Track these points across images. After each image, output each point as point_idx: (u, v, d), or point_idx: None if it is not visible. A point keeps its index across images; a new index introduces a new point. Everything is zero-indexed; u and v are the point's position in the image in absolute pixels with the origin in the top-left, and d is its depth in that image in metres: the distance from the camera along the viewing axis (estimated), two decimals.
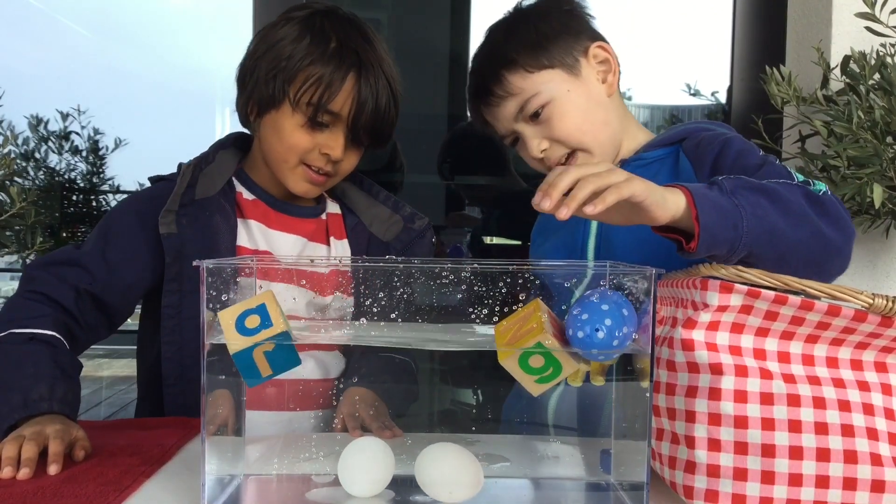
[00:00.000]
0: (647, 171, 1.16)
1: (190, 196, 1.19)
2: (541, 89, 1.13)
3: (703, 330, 0.77)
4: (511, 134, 1.19)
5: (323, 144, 1.17)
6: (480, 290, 0.77)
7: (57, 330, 1.08)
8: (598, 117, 1.16)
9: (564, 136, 1.14)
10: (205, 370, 0.75)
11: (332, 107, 1.15)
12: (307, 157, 1.18)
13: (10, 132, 4.45)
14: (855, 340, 0.77)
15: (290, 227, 1.25)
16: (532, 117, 1.14)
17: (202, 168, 1.23)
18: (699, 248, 0.81)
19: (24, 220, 1.71)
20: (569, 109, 1.14)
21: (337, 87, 1.14)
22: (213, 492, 0.77)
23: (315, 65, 1.14)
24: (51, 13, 5.31)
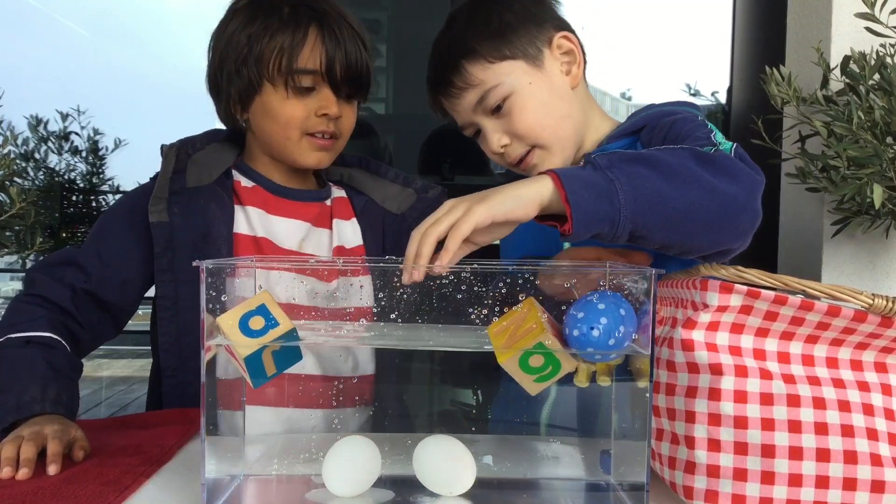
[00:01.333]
0: None
1: (181, 183, 1.18)
2: (502, 80, 1.09)
3: (702, 330, 0.77)
4: (471, 126, 1.16)
5: (317, 107, 1.16)
6: (480, 290, 0.77)
7: (54, 331, 1.08)
8: (560, 111, 1.12)
9: (524, 130, 1.10)
10: (205, 370, 0.75)
11: (303, 65, 1.14)
12: (307, 125, 1.17)
13: (10, 132, 4.44)
14: (855, 341, 0.77)
15: (291, 211, 1.23)
16: (493, 111, 1.11)
17: (190, 154, 1.22)
18: (575, 227, 0.79)
19: (24, 221, 1.71)
20: (529, 103, 1.10)
21: (300, 45, 1.14)
22: (213, 492, 0.77)
23: (276, 35, 1.14)
24: (50, 13, 5.31)
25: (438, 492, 0.78)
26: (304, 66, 1.14)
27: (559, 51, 1.13)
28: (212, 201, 1.18)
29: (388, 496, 0.80)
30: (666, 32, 2.70)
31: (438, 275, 0.78)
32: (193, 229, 1.15)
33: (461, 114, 1.14)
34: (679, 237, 0.85)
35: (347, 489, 0.79)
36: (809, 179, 1.42)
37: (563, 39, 1.13)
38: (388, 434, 0.97)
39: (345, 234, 1.25)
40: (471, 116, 1.13)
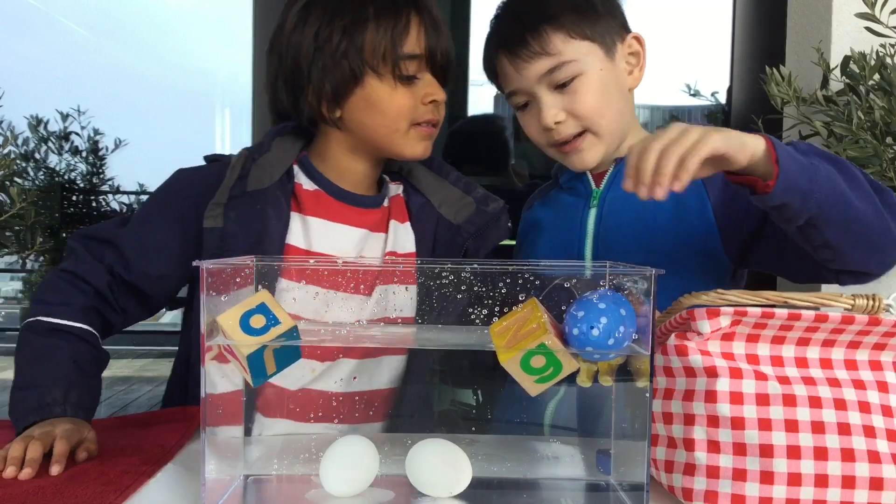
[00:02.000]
0: None
1: (241, 188, 1.11)
2: (578, 58, 1.10)
3: (694, 341, 0.78)
4: (524, 95, 1.14)
5: (423, 94, 1.12)
6: (480, 290, 0.77)
7: (86, 319, 1.06)
8: (618, 106, 1.14)
9: (585, 112, 1.11)
10: (205, 370, 0.76)
11: (409, 50, 1.09)
12: (415, 114, 1.12)
13: (10, 132, 4.44)
14: (846, 340, 0.78)
15: (352, 218, 1.16)
16: (558, 85, 1.11)
17: (255, 158, 1.14)
18: (777, 188, 0.83)
19: (24, 221, 1.72)
20: (597, 88, 1.11)
21: (404, 31, 1.09)
22: (213, 492, 0.77)
23: (374, 22, 1.08)
24: (51, 13, 5.32)
25: (434, 495, 0.78)
26: (410, 51, 1.09)
27: (628, 49, 1.15)
28: (269, 206, 1.11)
29: (389, 496, 0.80)
30: (666, 32, 2.70)
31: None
32: (247, 236, 1.09)
33: (523, 80, 1.13)
34: (846, 241, 0.90)
35: (344, 489, 0.79)
36: None
37: (635, 40, 1.16)
38: (388, 434, 0.98)
39: (399, 239, 1.19)
40: (531, 85, 1.12)
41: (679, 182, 0.82)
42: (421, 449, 0.79)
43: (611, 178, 1.18)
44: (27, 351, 1.03)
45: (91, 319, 1.08)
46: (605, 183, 1.18)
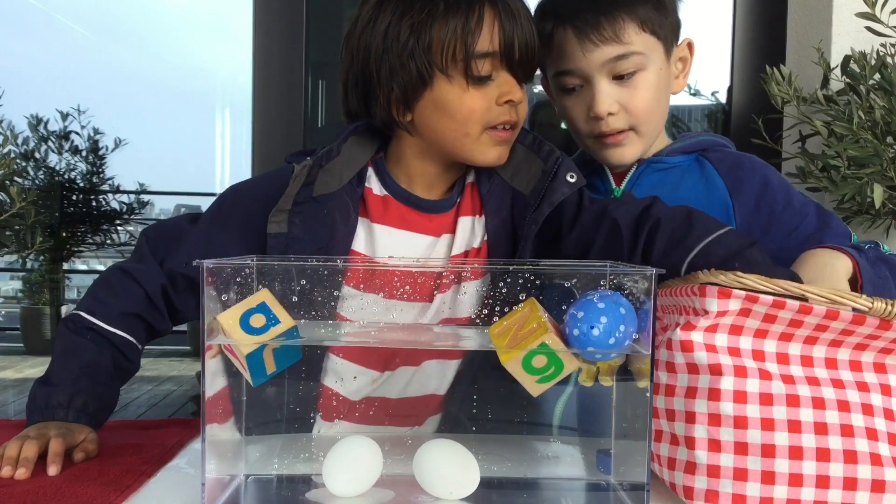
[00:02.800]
0: (668, 175, 1.17)
1: (307, 194, 1.05)
2: (645, 52, 1.09)
3: (701, 332, 0.77)
4: (580, 78, 1.12)
5: (497, 94, 1.03)
6: (486, 291, 0.77)
7: (122, 323, 1.05)
8: (663, 108, 1.15)
9: (639, 109, 1.11)
10: (205, 370, 0.76)
11: (482, 49, 1.01)
12: (489, 117, 1.03)
13: (10, 132, 4.44)
14: (853, 342, 0.77)
15: (421, 226, 1.10)
16: (619, 76, 1.10)
17: (322, 165, 1.08)
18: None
19: (24, 220, 1.72)
20: (654, 86, 1.11)
21: (477, 28, 1.00)
22: (214, 492, 0.77)
23: (448, 19, 1.00)
24: (51, 13, 5.32)
25: (441, 497, 0.78)
26: (482, 49, 1.01)
27: (679, 54, 1.16)
28: (336, 211, 1.07)
29: (389, 496, 0.80)
30: None
31: None
32: (312, 241, 1.04)
33: (586, 62, 1.10)
34: None
35: (347, 489, 0.79)
36: (810, 179, 1.42)
37: (687, 46, 1.17)
38: (388, 434, 0.98)
39: (466, 237, 1.11)
40: (592, 69, 1.10)
41: None
42: (429, 450, 0.79)
43: (633, 179, 1.18)
44: (58, 345, 1.04)
45: (130, 325, 1.07)
46: (626, 183, 1.18)
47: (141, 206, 5.43)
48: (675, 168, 1.17)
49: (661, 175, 1.18)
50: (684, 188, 1.15)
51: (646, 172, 1.18)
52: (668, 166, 1.17)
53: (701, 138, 1.20)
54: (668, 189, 1.14)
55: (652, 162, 1.18)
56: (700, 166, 1.17)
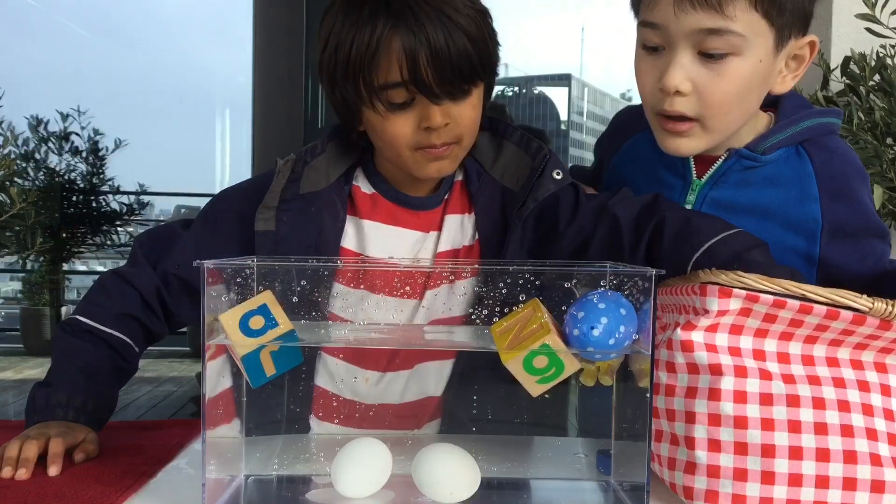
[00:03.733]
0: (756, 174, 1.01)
1: (293, 191, 1.05)
2: (747, 35, 0.90)
3: (701, 331, 0.77)
4: (663, 38, 0.94)
5: (419, 119, 0.99)
6: (480, 290, 0.77)
7: (118, 324, 1.05)
8: (748, 105, 0.98)
9: (714, 100, 0.94)
10: (205, 370, 0.76)
11: (384, 80, 0.96)
12: (415, 141, 1.00)
13: (11, 133, 4.44)
14: (854, 341, 0.77)
15: (409, 222, 1.09)
16: (706, 54, 0.92)
17: (308, 161, 1.07)
18: None
19: (24, 221, 1.72)
20: (743, 79, 0.93)
21: (373, 57, 0.95)
22: (214, 492, 0.77)
23: (352, 46, 0.96)
24: (51, 14, 5.33)
25: (441, 500, 0.78)
26: (387, 80, 0.96)
27: (796, 50, 0.97)
28: (325, 209, 1.06)
29: (389, 496, 0.80)
30: None
31: None
32: (301, 239, 1.04)
33: (675, 23, 0.91)
34: None
35: (356, 490, 0.79)
36: None
37: (808, 45, 0.97)
38: (388, 434, 0.98)
39: (453, 235, 1.09)
40: (678, 34, 0.92)
41: None
42: (429, 454, 0.79)
43: (716, 175, 1.02)
44: (56, 348, 1.05)
45: (127, 326, 1.06)
46: (708, 177, 1.03)
47: (141, 207, 5.44)
48: (767, 166, 1.01)
49: (748, 174, 1.01)
50: (774, 194, 1.00)
51: (734, 169, 1.01)
52: (761, 164, 1.00)
53: (806, 124, 1.01)
54: (752, 193, 1.01)
55: (744, 156, 1.00)
56: (799, 164, 1.01)
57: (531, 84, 13.57)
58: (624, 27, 1.09)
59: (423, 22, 0.94)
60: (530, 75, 28.33)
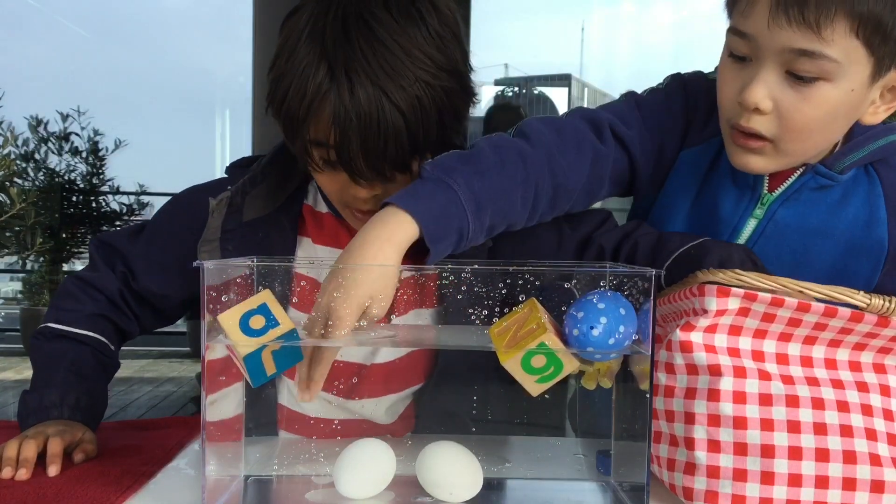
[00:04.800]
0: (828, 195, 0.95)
1: (236, 220, 1.02)
2: (841, 62, 0.82)
3: (700, 332, 0.77)
4: (752, 50, 0.86)
5: (347, 184, 0.95)
6: (480, 290, 0.77)
7: (92, 325, 1.06)
8: (831, 133, 0.91)
9: (794, 125, 0.86)
10: (205, 370, 0.76)
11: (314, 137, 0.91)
12: (344, 199, 0.98)
13: (10, 133, 4.44)
14: (852, 341, 0.77)
15: None
16: (797, 76, 0.84)
17: (248, 191, 1.04)
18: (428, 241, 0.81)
19: (24, 221, 1.72)
20: (830, 107, 0.85)
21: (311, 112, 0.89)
22: (214, 492, 0.77)
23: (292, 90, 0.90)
24: (51, 14, 5.33)
25: (443, 499, 0.78)
26: (317, 138, 0.91)
27: (894, 82, 0.88)
28: (273, 231, 1.03)
29: (389, 496, 0.80)
30: (667, 32, 2.70)
31: None
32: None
33: (768, 36, 0.84)
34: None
35: (359, 491, 0.79)
36: None
37: None
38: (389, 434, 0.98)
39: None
40: (768, 49, 0.84)
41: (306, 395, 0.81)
42: (433, 452, 0.79)
43: (789, 191, 0.95)
44: (35, 356, 1.05)
45: (99, 326, 1.07)
46: (780, 192, 0.96)
47: (141, 207, 5.44)
48: (839, 185, 0.95)
49: (821, 194, 0.95)
50: (843, 216, 0.95)
51: (808, 186, 0.95)
52: (834, 184, 0.94)
53: (882, 142, 0.94)
54: (822, 214, 0.95)
55: (819, 173, 0.94)
56: (869, 184, 0.95)
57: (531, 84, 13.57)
58: (624, 27, 1.08)
59: (357, 92, 0.87)
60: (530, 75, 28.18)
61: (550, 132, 0.93)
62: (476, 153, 0.87)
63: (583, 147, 0.94)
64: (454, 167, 0.84)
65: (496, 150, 0.88)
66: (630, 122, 0.99)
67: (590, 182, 0.95)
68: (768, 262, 0.92)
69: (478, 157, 0.87)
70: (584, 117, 0.97)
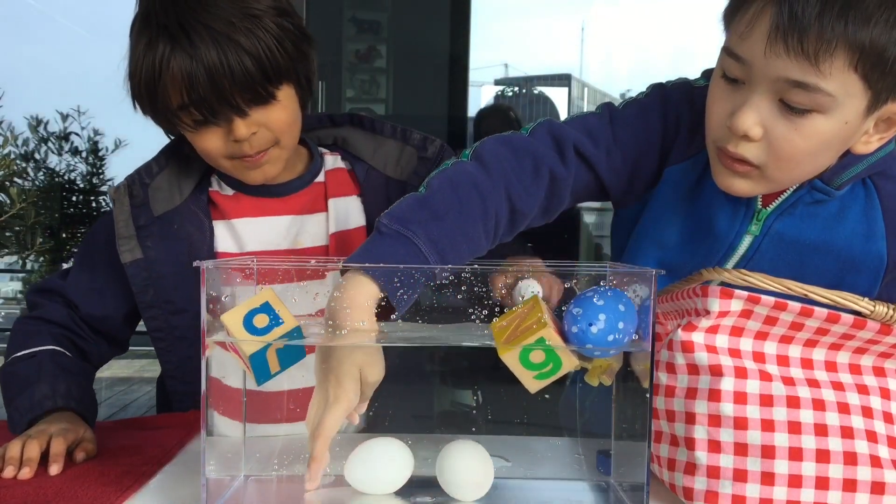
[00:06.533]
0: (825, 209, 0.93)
1: (147, 215, 1.08)
2: (837, 96, 0.79)
3: (702, 332, 0.77)
4: (745, 73, 0.83)
5: (226, 131, 1.00)
6: (480, 290, 0.77)
7: (57, 343, 1.07)
8: (821, 162, 0.88)
9: (783, 155, 0.83)
10: (205, 370, 0.76)
11: (175, 104, 0.98)
12: (230, 151, 1.02)
13: (10, 133, 4.44)
14: (853, 346, 0.78)
15: (280, 208, 1.12)
16: (790, 106, 0.81)
17: (147, 182, 1.10)
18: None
19: (24, 221, 1.72)
20: (821, 139, 0.82)
21: (158, 82, 0.97)
22: (214, 492, 0.77)
23: (143, 70, 0.98)
24: (51, 14, 5.33)
25: (459, 497, 0.79)
26: (172, 104, 0.98)
27: (888, 114, 0.85)
28: (187, 223, 1.09)
29: (389, 496, 0.80)
30: (666, 32, 2.70)
31: None
32: (173, 258, 1.07)
33: (763, 63, 0.80)
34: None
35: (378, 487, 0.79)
36: None
37: None
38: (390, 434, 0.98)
39: (343, 215, 1.12)
40: (762, 76, 0.81)
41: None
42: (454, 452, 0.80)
43: (784, 205, 0.93)
44: (7, 380, 1.05)
45: (65, 346, 1.08)
46: (774, 207, 0.93)
47: None
48: (836, 199, 0.92)
49: (817, 208, 0.93)
50: (841, 230, 0.93)
51: (804, 201, 0.92)
52: (830, 199, 0.92)
53: (876, 157, 0.91)
54: (818, 228, 0.93)
55: (815, 188, 0.91)
56: (866, 197, 0.93)
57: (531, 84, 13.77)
58: (624, 27, 1.09)
59: (198, 44, 0.95)
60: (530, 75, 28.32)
61: (508, 155, 0.92)
62: (430, 196, 0.87)
63: (540, 171, 0.93)
64: (410, 218, 0.84)
65: (452, 188, 0.88)
66: (598, 140, 0.96)
67: (547, 203, 0.95)
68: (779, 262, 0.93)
69: (433, 201, 0.86)
70: (550, 133, 0.96)
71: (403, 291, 0.79)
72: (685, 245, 0.98)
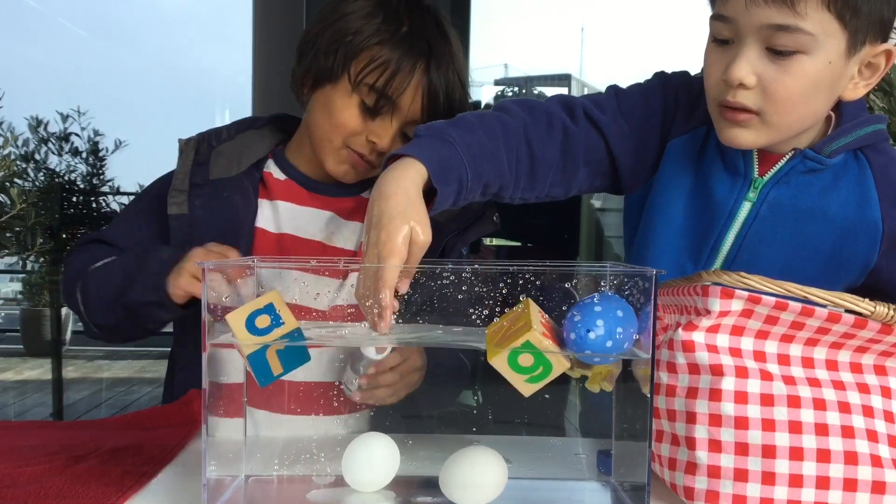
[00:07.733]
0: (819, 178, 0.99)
1: (203, 175, 1.14)
2: (817, 35, 0.88)
3: (703, 332, 0.77)
4: (733, 32, 0.92)
5: (372, 131, 1.10)
6: (480, 290, 0.77)
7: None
8: (815, 108, 0.95)
9: (777, 97, 0.91)
10: (205, 370, 0.76)
11: (394, 95, 1.08)
12: (352, 140, 1.11)
13: (10, 133, 4.45)
14: (854, 345, 0.78)
15: (323, 205, 1.18)
16: (775, 51, 0.90)
17: (214, 145, 1.16)
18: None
19: (24, 222, 1.72)
20: (810, 79, 0.90)
21: (404, 76, 1.07)
22: (215, 492, 0.77)
23: (383, 46, 1.07)
24: (51, 15, 5.33)
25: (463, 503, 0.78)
26: (394, 95, 1.08)
27: (870, 58, 0.94)
28: (237, 193, 1.14)
29: (390, 496, 0.80)
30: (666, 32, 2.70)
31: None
32: (215, 223, 1.11)
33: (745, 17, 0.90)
34: None
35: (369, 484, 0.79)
36: None
37: (884, 54, 0.94)
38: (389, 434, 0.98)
39: None
40: (747, 28, 0.90)
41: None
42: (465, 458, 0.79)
43: (780, 174, 0.99)
44: (113, 270, 1.08)
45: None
46: (771, 175, 0.99)
47: None
48: (829, 169, 0.99)
49: (811, 177, 0.99)
50: (835, 197, 0.99)
51: (797, 170, 0.99)
52: (825, 167, 0.98)
53: (869, 129, 1.00)
54: (814, 195, 0.99)
55: (808, 157, 0.98)
56: (859, 168, 1.00)
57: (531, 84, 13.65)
58: (624, 27, 1.10)
59: (450, 73, 1.10)
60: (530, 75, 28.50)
61: (523, 109, 1.00)
62: (460, 119, 0.95)
63: (553, 123, 1.00)
64: (445, 128, 0.92)
65: (478, 117, 0.96)
66: (605, 108, 1.04)
67: (563, 159, 1.01)
68: (766, 245, 1.00)
69: (464, 121, 0.95)
70: (559, 100, 1.04)
71: (444, 185, 0.86)
72: (690, 219, 1.04)
